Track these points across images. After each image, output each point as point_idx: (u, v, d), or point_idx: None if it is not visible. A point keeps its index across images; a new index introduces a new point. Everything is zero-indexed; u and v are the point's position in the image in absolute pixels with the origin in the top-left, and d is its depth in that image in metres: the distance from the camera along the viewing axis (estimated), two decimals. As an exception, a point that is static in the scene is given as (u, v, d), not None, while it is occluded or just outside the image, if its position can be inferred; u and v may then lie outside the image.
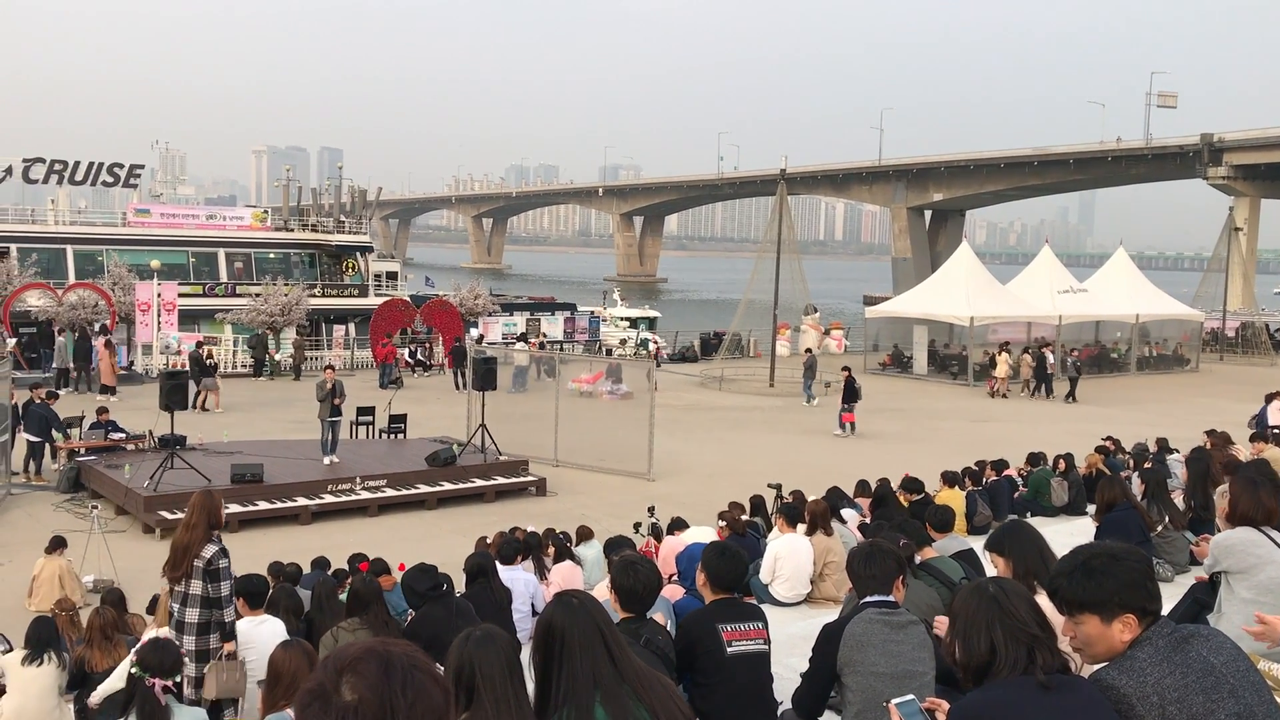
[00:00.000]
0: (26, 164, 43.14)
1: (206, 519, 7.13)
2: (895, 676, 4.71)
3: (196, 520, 7.10)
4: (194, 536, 7.07)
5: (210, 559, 7.04)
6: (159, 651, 5.61)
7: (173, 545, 7.20)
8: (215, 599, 7.12)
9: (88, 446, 20.36)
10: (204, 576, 7.03)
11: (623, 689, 3.34)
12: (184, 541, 7.05)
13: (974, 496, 14.13)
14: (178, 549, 7.08)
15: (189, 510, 7.20)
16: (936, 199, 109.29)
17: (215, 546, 7.10)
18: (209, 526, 7.14)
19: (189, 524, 7.11)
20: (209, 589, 7.06)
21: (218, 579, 7.09)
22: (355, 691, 1.88)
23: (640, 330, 48.58)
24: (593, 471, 22.00)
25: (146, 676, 5.45)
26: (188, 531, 7.10)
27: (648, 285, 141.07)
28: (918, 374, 40.88)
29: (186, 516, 7.20)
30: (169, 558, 7.15)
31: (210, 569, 7.03)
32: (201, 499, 7.20)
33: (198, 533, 7.06)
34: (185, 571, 7.01)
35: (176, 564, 7.03)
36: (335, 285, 46.76)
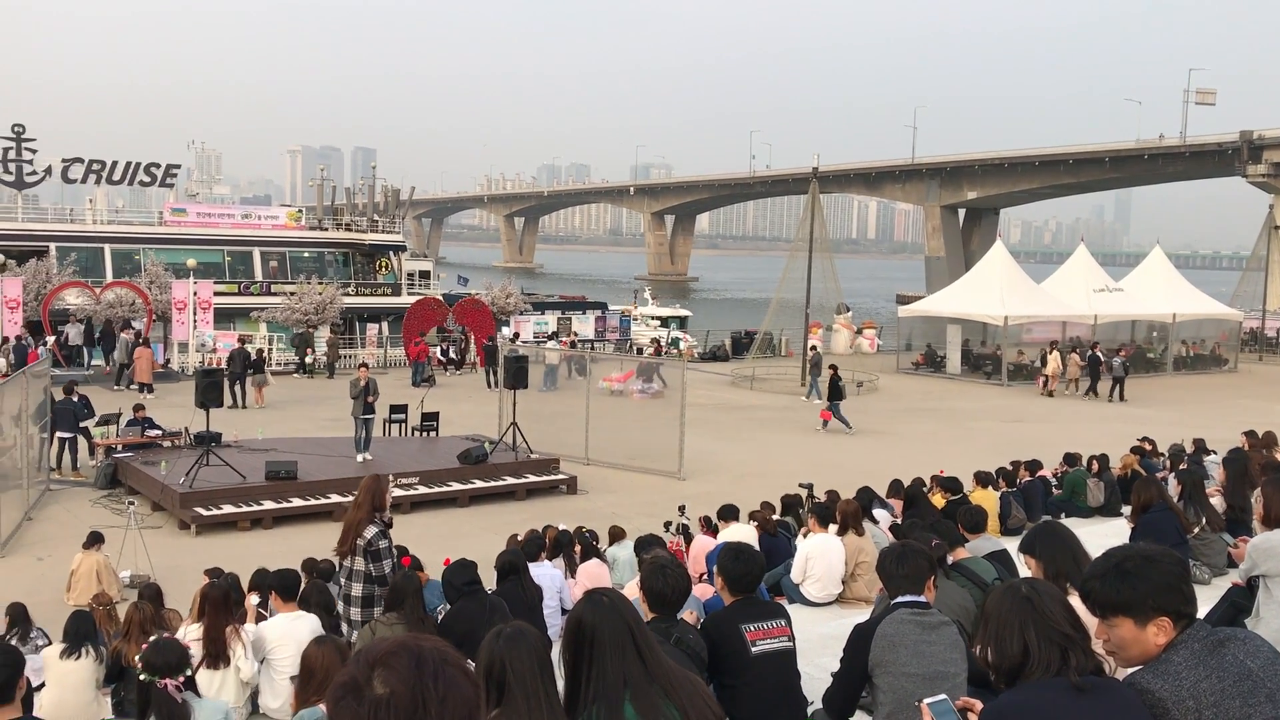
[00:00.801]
0: (65, 164, 43.67)
1: (371, 501, 7.55)
2: (927, 677, 4.68)
3: (362, 501, 7.55)
4: (358, 517, 7.52)
5: (371, 539, 7.48)
6: (162, 652, 5.62)
7: (343, 524, 7.68)
8: (378, 576, 7.56)
9: (125, 443, 20.61)
10: (365, 554, 7.46)
11: (653, 688, 3.34)
12: (350, 521, 7.53)
13: (1007, 497, 14.02)
14: (345, 528, 7.56)
15: (358, 492, 7.65)
16: (970, 197, 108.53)
17: (376, 528, 7.52)
18: (373, 508, 7.55)
19: (357, 504, 7.58)
20: (370, 566, 7.51)
21: (379, 558, 7.54)
22: (387, 685, 1.90)
23: (671, 329, 48.57)
24: (623, 470, 22.01)
25: (156, 679, 5.48)
26: (355, 511, 7.55)
27: (679, 284, 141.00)
28: (951, 374, 40.62)
29: (355, 498, 7.65)
30: (340, 536, 7.63)
31: (371, 549, 7.47)
32: (369, 483, 7.65)
33: (362, 513, 7.50)
34: (350, 548, 7.47)
35: (343, 541, 7.52)
36: (369, 284, 47.05)
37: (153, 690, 5.43)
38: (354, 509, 7.61)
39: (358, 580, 7.58)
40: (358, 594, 7.58)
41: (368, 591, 7.57)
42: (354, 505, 7.64)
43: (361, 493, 7.57)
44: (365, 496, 7.55)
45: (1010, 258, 42.80)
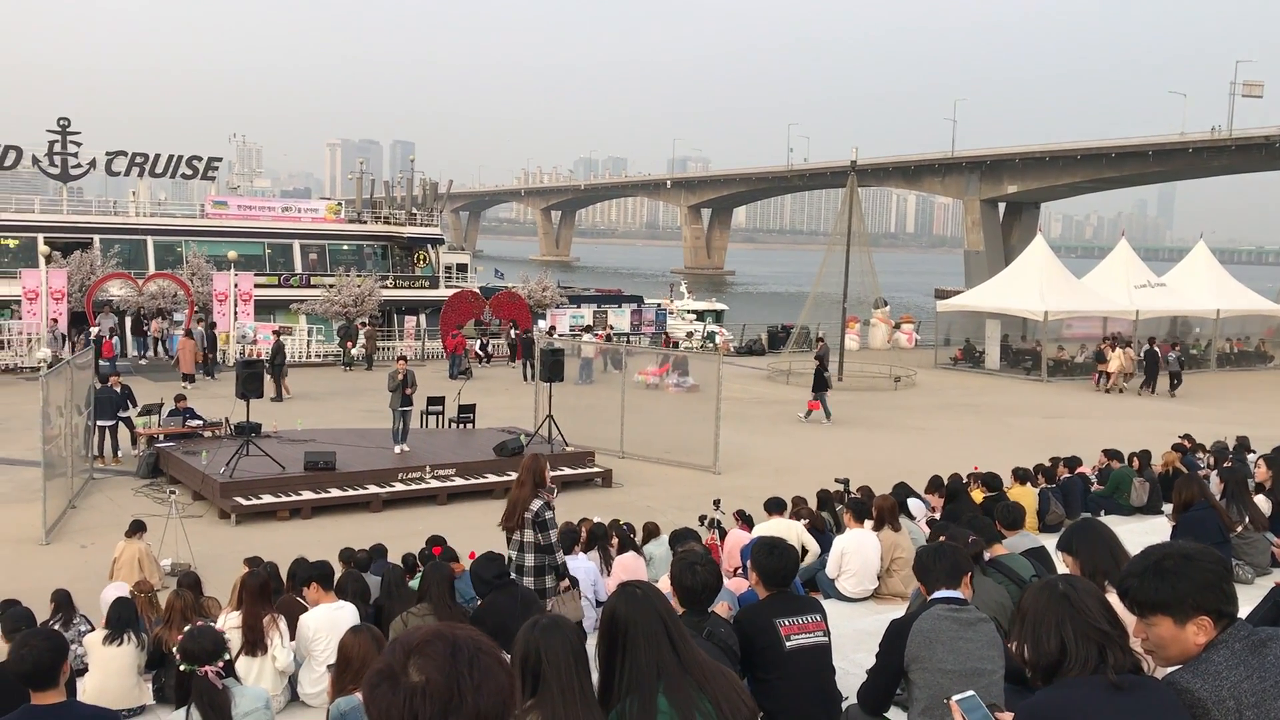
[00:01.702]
0: (109, 157, 44.24)
1: (533, 478, 8.05)
2: (963, 674, 4.66)
3: (525, 479, 8.06)
4: (523, 494, 8.03)
5: (537, 511, 7.98)
6: (197, 639, 5.68)
7: (508, 500, 8.18)
8: (546, 545, 8.07)
9: (166, 433, 20.88)
10: (534, 526, 7.95)
11: (686, 680, 3.34)
12: (515, 498, 8.04)
13: (1046, 494, 13.90)
14: (510, 504, 8.06)
15: (520, 470, 8.13)
16: (1011, 191, 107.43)
17: (540, 501, 8.02)
18: (535, 484, 8.06)
19: (520, 482, 8.10)
20: (539, 537, 7.99)
21: (545, 528, 8.02)
22: (423, 673, 1.92)
23: (707, 323, 48.49)
24: (659, 464, 22.02)
25: (195, 668, 5.54)
26: (519, 489, 8.07)
27: (715, 278, 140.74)
28: (990, 369, 40.30)
29: (518, 476, 8.15)
30: (505, 510, 8.12)
31: (538, 520, 7.97)
32: (529, 461, 8.12)
33: (525, 490, 8.02)
34: (518, 523, 7.95)
35: (509, 516, 8.00)
36: (407, 277, 47.32)
37: (193, 678, 5.50)
38: (517, 486, 8.11)
39: (529, 551, 8.04)
40: (530, 564, 8.03)
41: (539, 561, 8.04)
42: (517, 483, 8.13)
43: (523, 471, 8.07)
44: (527, 474, 8.05)
45: (1051, 252, 42.36)
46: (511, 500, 8.11)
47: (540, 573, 8.06)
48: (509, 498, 8.21)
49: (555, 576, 8.15)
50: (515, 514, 8.02)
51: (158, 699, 8.22)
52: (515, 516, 8.02)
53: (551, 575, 8.11)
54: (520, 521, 7.98)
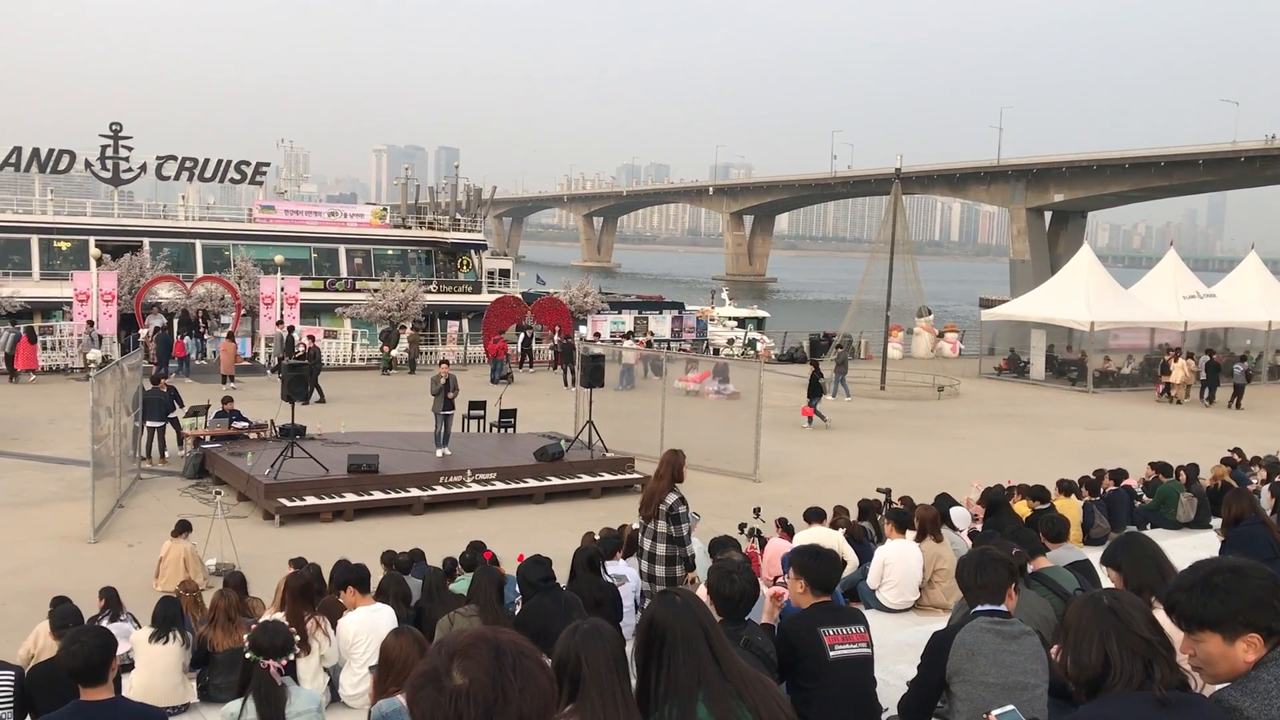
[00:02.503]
0: (159, 161, 44.90)
1: (671, 473, 8.41)
2: (1005, 687, 4.61)
3: (664, 472, 8.41)
4: (660, 486, 8.38)
5: (672, 505, 8.34)
6: (270, 634, 5.78)
7: (645, 492, 8.54)
8: (678, 537, 8.42)
9: (212, 434, 21.15)
10: (668, 518, 8.28)
11: (726, 688, 3.34)
12: (653, 490, 8.40)
13: (1091, 506, 13.72)
14: (647, 495, 8.42)
15: (659, 465, 8.50)
16: (1057, 200, 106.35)
17: (676, 495, 8.36)
18: (673, 479, 8.40)
19: (658, 475, 8.45)
20: (672, 529, 8.34)
21: (678, 521, 8.40)
22: (466, 675, 1.94)
23: (748, 330, 48.36)
24: (698, 471, 21.93)
25: (261, 659, 5.63)
26: (657, 481, 8.41)
27: (757, 285, 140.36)
28: (1035, 379, 39.89)
29: (657, 469, 8.52)
30: (642, 500, 8.47)
31: (671, 513, 8.33)
32: (669, 456, 8.48)
33: (663, 483, 8.36)
34: (654, 513, 8.30)
35: (646, 506, 8.34)
36: (450, 282, 47.61)
37: (255, 669, 5.58)
38: (655, 479, 8.43)
39: (661, 541, 8.39)
40: (662, 553, 8.38)
41: (670, 551, 8.41)
42: (655, 476, 8.46)
43: (662, 465, 8.39)
44: (666, 469, 8.39)
45: (1097, 261, 41.86)
46: (649, 492, 8.40)
47: (671, 562, 8.41)
48: (647, 489, 8.49)
49: (685, 567, 8.46)
50: (652, 505, 8.33)
51: (201, 698, 8.32)
52: (652, 507, 8.31)
53: (681, 566, 8.45)
54: (655, 512, 8.27)
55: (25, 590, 13.21)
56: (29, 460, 20.98)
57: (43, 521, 16.90)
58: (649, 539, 8.46)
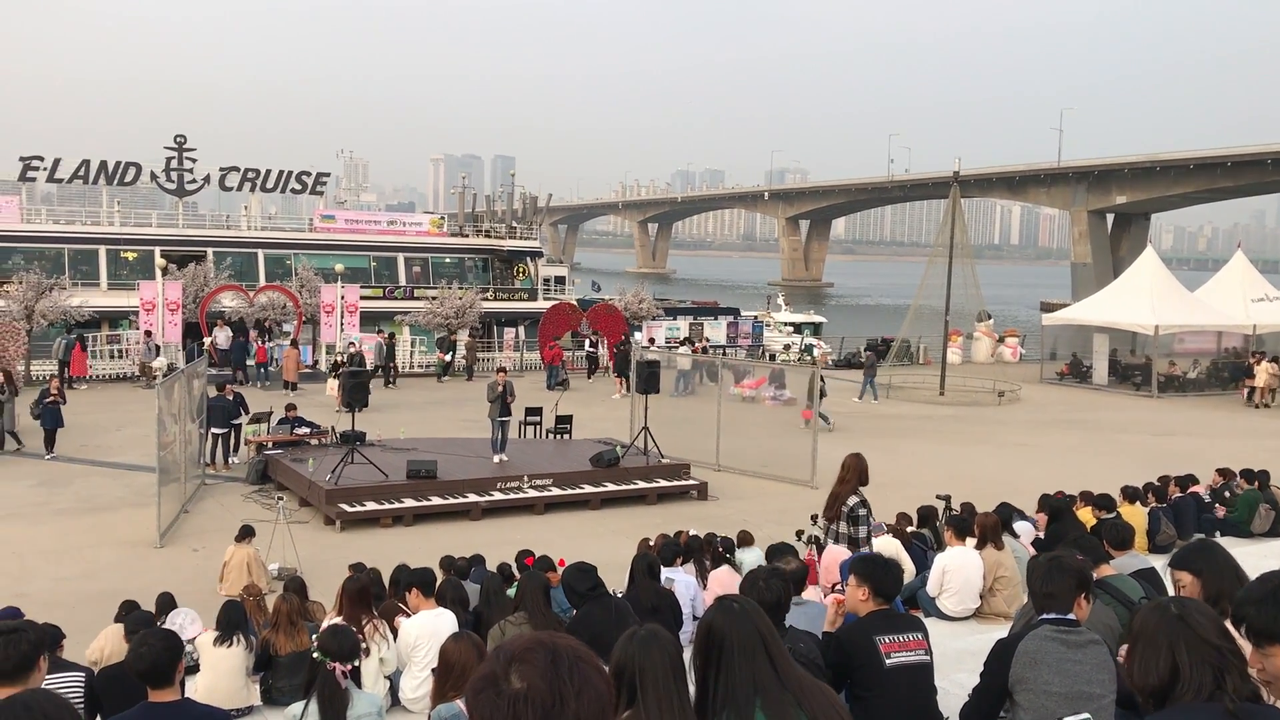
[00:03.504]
0: (223, 172, 45.73)
1: (857, 477, 8.68)
2: (1070, 697, 4.53)
3: (848, 477, 8.72)
4: (844, 489, 8.67)
5: (853, 507, 8.64)
6: (338, 638, 5.86)
7: (830, 494, 8.77)
8: (856, 539, 8.74)
9: (275, 440, 21.47)
10: (848, 519, 8.58)
11: (784, 695, 3.32)
12: (836, 492, 8.66)
13: (1157, 513, 13.45)
14: (832, 497, 8.65)
15: (843, 470, 8.77)
16: (1119, 202, 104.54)
17: (858, 498, 8.63)
18: (858, 482, 8.66)
19: (842, 479, 8.74)
20: (851, 529, 8.66)
21: (857, 523, 8.74)
22: (524, 679, 1.95)
23: (805, 335, 48.11)
24: (755, 477, 21.90)
25: (327, 661, 5.71)
26: (841, 485, 8.70)
27: (813, 290, 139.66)
28: (1097, 384, 39.22)
29: (840, 474, 8.78)
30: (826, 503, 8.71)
31: (852, 515, 8.66)
32: (853, 461, 8.78)
33: (847, 486, 8.66)
34: (836, 514, 8.61)
35: (830, 508, 8.60)
36: (506, 289, 47.94)
37: (320, 671, 5.65)
38: (840, 483, 8.66)
39: (841, 542, 8.65)
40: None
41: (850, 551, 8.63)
42: (839, 480, 8.68)
43: (848, 470, 8.63)
44: (851, 473, 8.67)
45: (1161, 264, 41.13)
46: (833, 494, 8.58)
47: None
48: (831, 491, 8.66)
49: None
50: (835, 506, 8.55)
51: (264, 700, 8.43)
52: (835, 509, 8.51)
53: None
54: (838, 514, 8.49)
55: (94, 594, 13.50)
56: (97, 466, 21.46)
57: (110, 526, 17.26)
58: (831, 540, 8.60)
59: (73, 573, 14.93)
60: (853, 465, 8.65)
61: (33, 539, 16.48)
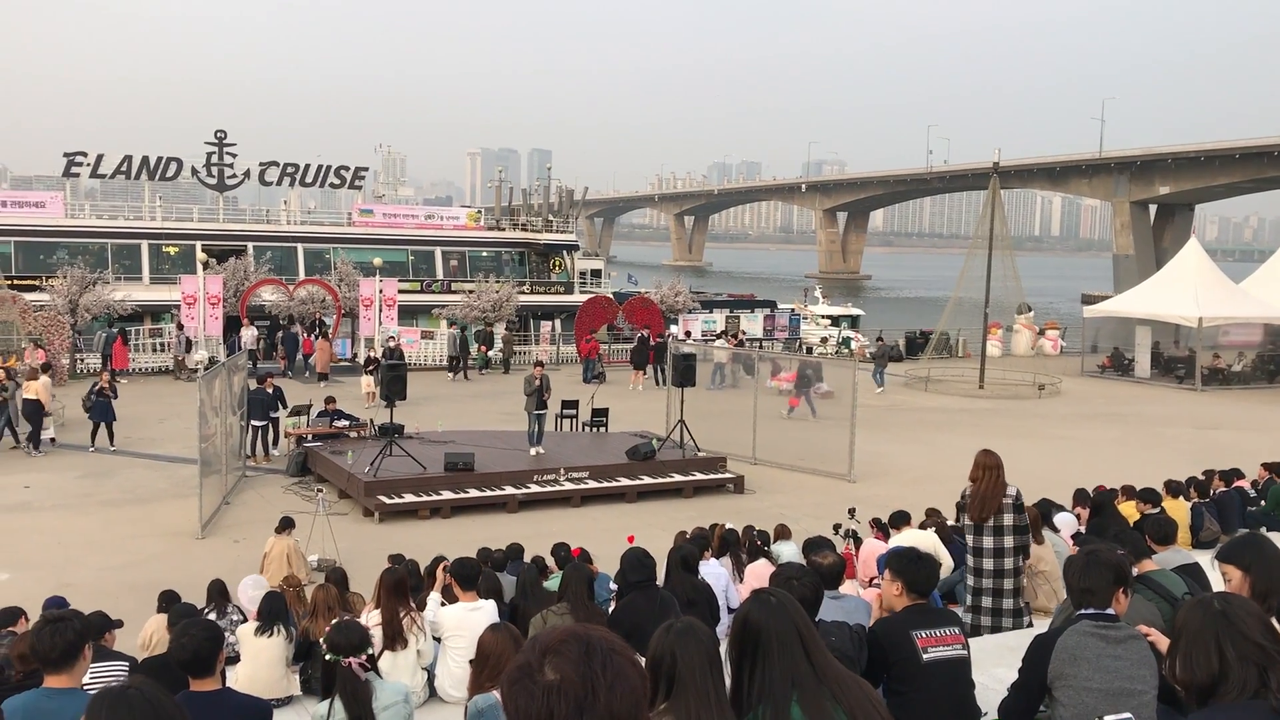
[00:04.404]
0: (262, 167, 46.14)
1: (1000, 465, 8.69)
2: (1110, 693, 4.47)
3: (993, 463, 8.70)
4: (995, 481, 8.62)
5: (1017, 494, 8.69)
6: (345, 632, 5.87)
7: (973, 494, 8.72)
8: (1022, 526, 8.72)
9: (314, 433, 21.67)
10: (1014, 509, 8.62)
11: (821, 690, 3.30)
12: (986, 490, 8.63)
13: (1200, 508, 13.27)
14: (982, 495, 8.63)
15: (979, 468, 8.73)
16: (1162, 192, 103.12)
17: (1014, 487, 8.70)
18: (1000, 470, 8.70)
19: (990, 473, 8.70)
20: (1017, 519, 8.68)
21: (1020, 510, 8.72)
22: (558, 671, 1.96)
23: (842, 328, 47.88)
24: (791, 470, 21.84)
25: (340, 658, 5.72)
26: (993, 482, 8.65)
27: (851, 282, 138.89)
28: (1139, 377, 38.77)
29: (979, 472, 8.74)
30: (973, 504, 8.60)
31: (1017, 502, 8.72)
32: (993, 458, 8.74)
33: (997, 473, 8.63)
34: (998, 507, 8.57)
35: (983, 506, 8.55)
36: (543, 282, 48.06)
37: (337, 669, 5.69)
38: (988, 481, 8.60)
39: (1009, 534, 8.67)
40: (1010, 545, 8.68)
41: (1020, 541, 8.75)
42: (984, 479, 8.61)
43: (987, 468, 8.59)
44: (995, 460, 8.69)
45: (1205, 255, 40.53)
46: (982, 493, 8.51)
47: (1019, 553, 8.63)
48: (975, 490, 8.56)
49: (1024, 557, 8.74)
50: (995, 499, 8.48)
51: (304, 690, 8.51)
52: (995, 501, 8.45)
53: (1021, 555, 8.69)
54: (1000, 506, 8.46)
55: (137, 584, 13.69)
56: (140, 458, 21.76)
57: (153, 517, 17.50)
58: (990, 535, 8.51)
59: (116, 563, 15.15)
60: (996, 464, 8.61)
61: (78, 529, 16.75)
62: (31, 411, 22.17)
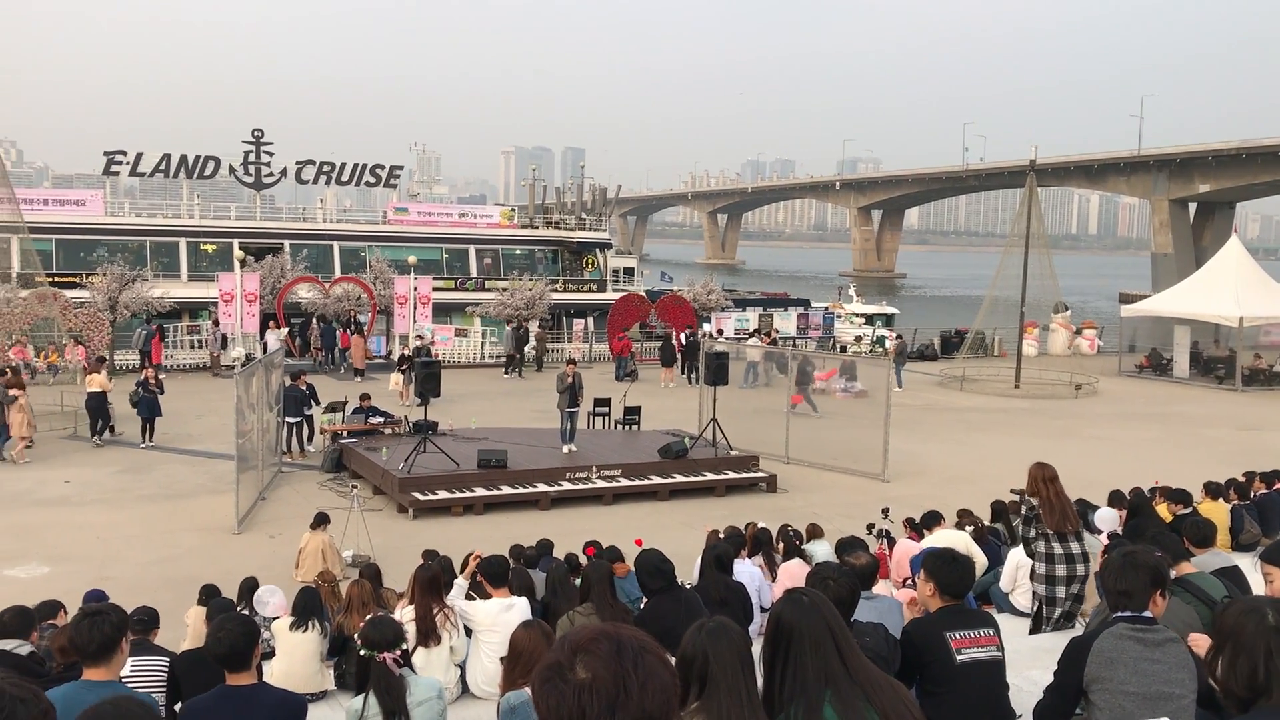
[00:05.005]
0: (299, 166, 46.52)
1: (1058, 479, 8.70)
2: (1148, 697, 4.42)
3: (1051, 475, 8.66)
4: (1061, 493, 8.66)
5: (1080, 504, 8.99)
6: (380, 628, 5.90)
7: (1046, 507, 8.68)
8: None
9: (349, 430, 21.82)
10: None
11: (854, 690, 3.28)
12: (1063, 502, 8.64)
13: (1240, 511, 13.08)
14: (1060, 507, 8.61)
15: (1037, 482, 8.59)
16: (1203, 190, 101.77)
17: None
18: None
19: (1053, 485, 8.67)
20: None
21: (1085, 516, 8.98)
22: (589, 670, 1.96)
23: (876, 327, 47.63)
24: (824, 470, 21.75)
25: (375, 654, 5.75)
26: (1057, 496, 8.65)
27: (885, 281, 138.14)
28: (1178, 377, 38.30)
29: (1039, 486, 8.62)
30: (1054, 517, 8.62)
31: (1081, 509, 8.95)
32: (1049, 471, 8.69)
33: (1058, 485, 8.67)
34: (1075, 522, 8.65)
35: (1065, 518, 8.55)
36: (576, 280, 48.13)
37: (372, 664, 5.72)
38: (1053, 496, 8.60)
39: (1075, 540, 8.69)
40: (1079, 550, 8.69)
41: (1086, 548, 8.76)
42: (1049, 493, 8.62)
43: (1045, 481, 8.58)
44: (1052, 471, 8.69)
45: (1247, 254, 39.97)
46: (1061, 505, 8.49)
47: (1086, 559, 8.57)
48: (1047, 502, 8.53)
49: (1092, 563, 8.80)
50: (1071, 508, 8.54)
51: (338, 685, 8.57)
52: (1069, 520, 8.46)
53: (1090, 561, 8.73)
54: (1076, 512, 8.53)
55: (175, 578, 13.86)
56: (177, 454, 22.00)
57: (190, 512, 17.69)
58: (1075, 541, 8.55)
59: (154, 557, 15.33)
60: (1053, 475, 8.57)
61: (116, 524, 16.96)
62: (96, 405, 22.72)
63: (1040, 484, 8.54)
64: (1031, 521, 8.71)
